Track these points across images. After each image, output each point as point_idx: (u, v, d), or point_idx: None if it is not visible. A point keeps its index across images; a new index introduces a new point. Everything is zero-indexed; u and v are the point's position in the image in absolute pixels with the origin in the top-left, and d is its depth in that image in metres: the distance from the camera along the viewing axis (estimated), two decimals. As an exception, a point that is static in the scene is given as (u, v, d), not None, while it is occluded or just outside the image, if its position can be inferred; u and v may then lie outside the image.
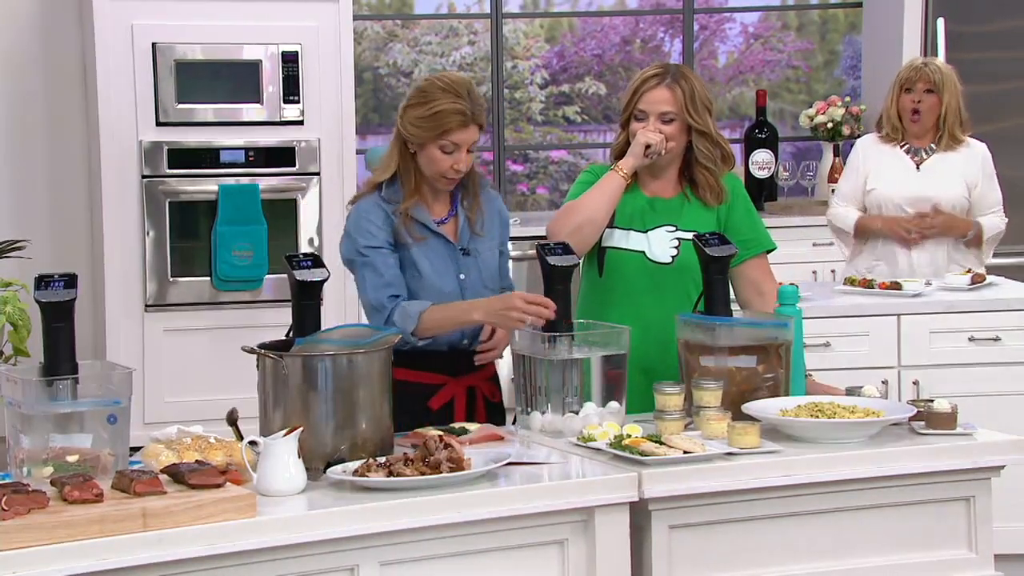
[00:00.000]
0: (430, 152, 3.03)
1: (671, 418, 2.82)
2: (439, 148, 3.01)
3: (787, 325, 2.97)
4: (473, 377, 3.15)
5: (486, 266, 3.15)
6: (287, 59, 5.44)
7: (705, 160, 3.25)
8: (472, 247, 3.13)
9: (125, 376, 2.54)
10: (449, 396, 3.10)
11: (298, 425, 2.50)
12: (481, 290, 3.12)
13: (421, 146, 3.03)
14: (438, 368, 3.08)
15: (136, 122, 5.33)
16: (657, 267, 3.23)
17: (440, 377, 3.09)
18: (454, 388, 3.11)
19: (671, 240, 3.24)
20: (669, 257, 3.23)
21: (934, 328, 4.20)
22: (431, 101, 3.01)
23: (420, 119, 3.01)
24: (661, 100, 3.20)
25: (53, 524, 2.19)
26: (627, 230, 3.24)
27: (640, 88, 3.23)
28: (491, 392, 3.19)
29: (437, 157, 3.03)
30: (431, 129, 3.00)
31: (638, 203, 3.27)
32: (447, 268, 3.09)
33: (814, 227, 5.95)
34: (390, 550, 2.42)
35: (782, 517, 2.69)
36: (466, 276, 3.11)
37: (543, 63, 6.84)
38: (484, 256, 3.15)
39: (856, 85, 6.68)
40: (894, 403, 3.06)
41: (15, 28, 5.73)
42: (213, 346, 5.35)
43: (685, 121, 3.22)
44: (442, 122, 2.99)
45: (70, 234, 5.77)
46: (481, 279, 3.13)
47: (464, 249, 3.12)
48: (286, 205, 5.44)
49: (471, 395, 3.14)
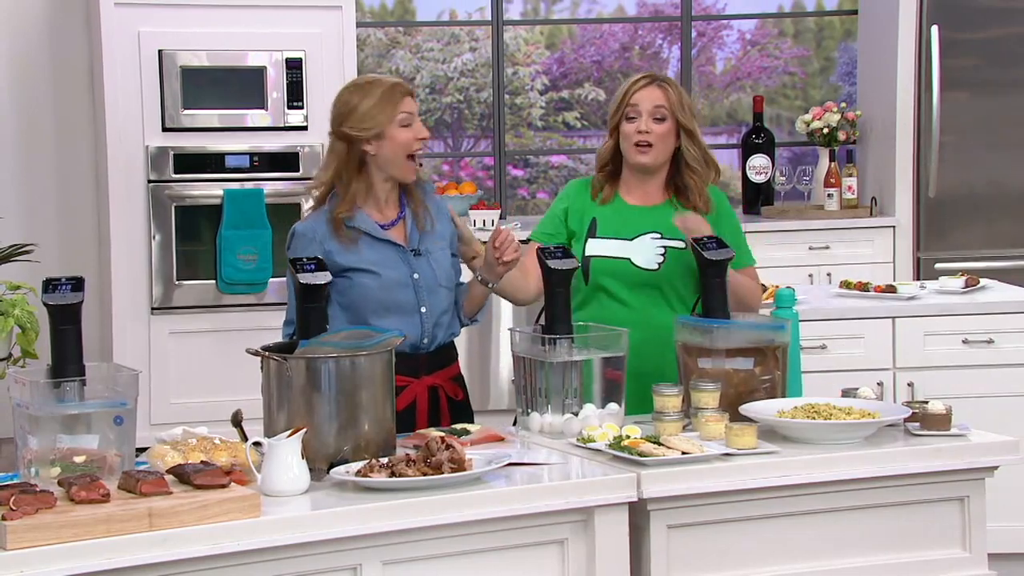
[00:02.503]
0: (392, 136, 3.02)
1: (669, 419, 2.84)
2: (399, 125, 3.02)
3: (784, 327, 3.00)
4: (435, 377, 3.14)
5: (439, 265, 3.13)
6: (291, 65, 5.48)
7: (694, 163, 3.26)
8: (423, 247, 3.12)
9: (131, 378, 2.56)
10: (412, 397, 3.09)
11: (302, 426, 2.52)
12: (436, 288, 3.12)
13: (379, 136, 3.02)
14: (399, 370, 3.06)
15: (142, 128, 5.36)
16: (643, 274, 3.24)
17: (402, 379, 3.03)
18: (416, 389, 3.10)
19: (657, 247, 3.25)
20: (655, 264, 3.24)
21: (929, 330, 4.22)
22: (368, 91, 3.03)
23: (371, 108, 3.00)
24: (654, 97, 3.24)
25: (60, 524, 2.20)
26: (611, 239, 3.24)
27: (631, 89, 3.26)
28: (454, 391, 3.18)
29: (401, 137, 3.03)
30: (385, 109, 3.01)
31: (622, 212, 3.29)
32: (399, 270, 3.08)
33: (810, 231, 5.99)
34: (392, 550, 2.44)
35: (779, 517, 2.71)
36: (420, 275, 3.10)
37: (543, 69, 6.87)
38: (436, 255, 3.13)
39: (852, 91, 6.70)
40: (889, 404, 3.07)
41: (24, 35, 5.77)
42: (218, 348, 5.38)
43: (676, 121, 3.24)
44: (392, 96, 3.01)
45: (78, 238, 5.80)
46: (435, 277, 3.12)
47: (415, 250, 3.11)
48: (290, 209, 5.47)
49: (434, 395, 3.13)
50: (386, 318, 3.05)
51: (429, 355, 3.14)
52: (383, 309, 3.06)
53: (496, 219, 5.95)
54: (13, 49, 5.77)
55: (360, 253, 3.07)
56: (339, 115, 3.06)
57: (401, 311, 3.08)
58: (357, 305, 3.06)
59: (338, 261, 3.04)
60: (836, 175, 6.15)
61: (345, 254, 3.05)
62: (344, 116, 3.05)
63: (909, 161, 6.00)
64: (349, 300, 3.07)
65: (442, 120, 6.76)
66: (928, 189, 5.95)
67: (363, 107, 3.01)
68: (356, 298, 3.06)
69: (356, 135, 3.03)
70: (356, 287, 3.06)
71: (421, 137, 3.06)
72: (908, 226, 5.99)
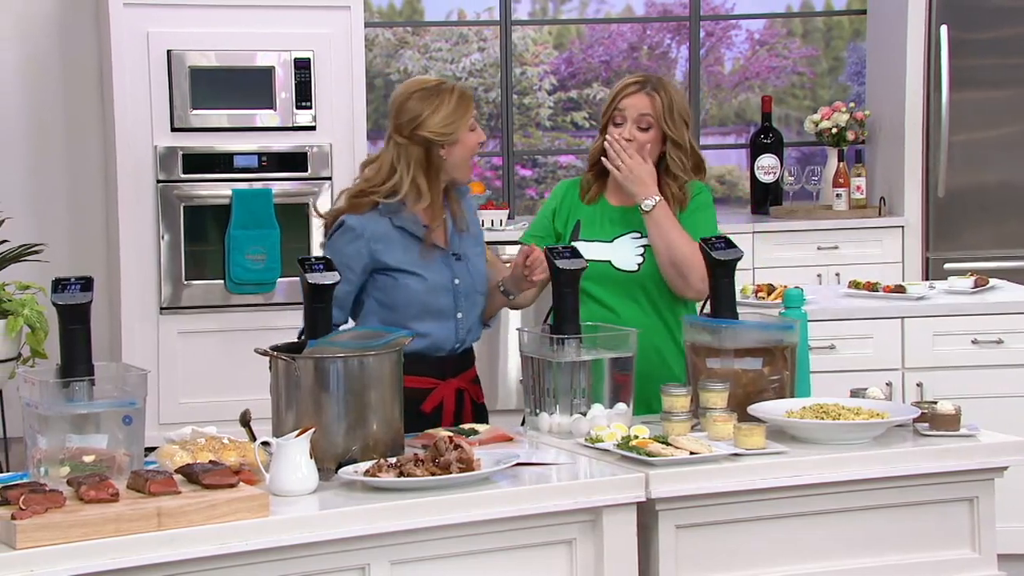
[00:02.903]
0: (464, 140, 3.10)
1: (678, 419, 2.84)
2: (469, 130, 3.11)
3: (792, 327, 2.99)
4: (460, 379, 3.18)
5: (476, 271, 3.18)
6: (300, 66, 5.48)
7: (676, 170, 3.27)
8: (462, 251, 3.17)
9: (140, 378, 2.56)
10: (439, 399, 3.13)
11: (310, 426, 2.52)
12: (473, 294, 3.16)
13: (455, 142, 3.09)
14: (428, 372, 3.11)
15: (151, 128, 5.38)
16: (623, 275, 3.25)
17: (430, 381, 3.12)
18: (444, 390, 3.14)
19: (636, 248, 3.26)
20: (635, 265, 3.25)
21: (938, 331, 4.22)
22: (443, 96, 3.09)
23: (450, 114, 3.08)
24: (640, 105, 3.24)
25: (70, 523, 2.21)
26: (593, 242, 3.25)
27: (620, 93, 3.26)
28: (476, 394, 3.23)
29: (469, 140, 3.11)
30: (463, 115, 3.09)
31: (604, 213, 3.30)
32: (443, 275, 3.13)
33: (819, 231, 5.98)
34: (401, 549, 2.44)
35: (787, 517, 2.71)
36: (460, 281, 3.15)
37: (551, 69, 6.87)
38: (473, 261, 3.18)
39: (860, 91, 6.70)
40: (898, 405, 3.07)
41: (34, 36, 5.79)
42: (226, 348, 5.39)
43: (662, 130, 3.24)
44: (468, 104, 3.11)
45: (87, 238, 5.82)
46: (473, 284, 3.17)
47: (456, 254, 3.16)
48: (298, 209, 5.48)
49: (459, 397, 3.17)
50: (424, 322, 3.10)
51: (455, 358, 3.17)
52: (423, 312, 3.10)
53: (504, 219, 5.96)
54: (23, 50, 5.79)
55: (408, 254, 3.10)
56: (412, 120, 3.09)
57: (440, 316, 3.11)
58: (398, 306, 3.10)
59: (385, 260, 3.08)
60: (845, 175, 6.15)
61: (392, 254, 3.09)
62: (421, 121, 3.08)
63: (918, 161, 6.00)
64: (391, 300, 3.10)
65: (450, 120, 6.76)
66: (937, 189, 5.95)
67: (440, 115, 3.07)
68: (398, 299, 3.10)
69: (436, 139, 3.08)
70: (400, 288, 3.10)
71: (482, 141, 3.16)
72: (917, 226, 5.99)
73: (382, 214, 3.10)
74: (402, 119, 3.09)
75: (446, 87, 3.11)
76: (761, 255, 5.87)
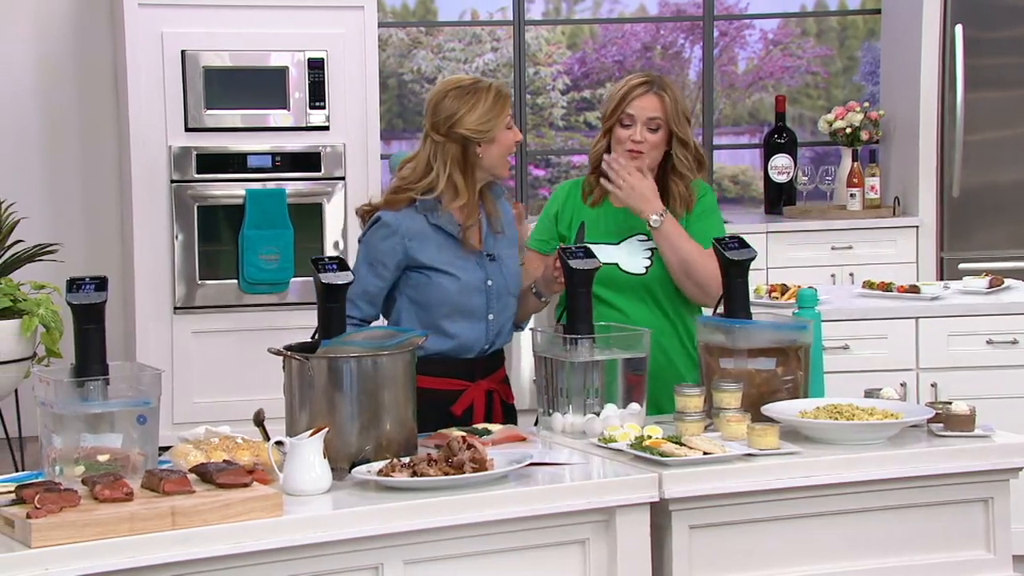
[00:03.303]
0: (501, 137, 3.10)
1: (691, 419, 2.83)
2: (506, 128, 3.11)
3: (806, 327, 2.99)
4: (489, 381, 3.18)
5: (510, 272, 3.18)
6: (313, 66, 5.49)
7: (683, 169, 3.27)
8: (496, 252, 3.17)
9: (154, 377, 2.57)
10: (470, 401, 3.13)
11: (324, 426, 2.52)
12: (506, 296, 3.16)
13: (491, 140, 3.09)
14: (458, 374, 3.11)
15: (166, 128, 5.39)
16: (631, 278, 3.25)
17: (461, 383, 3.12)
18: (474, 392, 3.14)
19: (644, 250, 3.27)
20: (643, 268, 3.26)
21: (952, 331, 4.21)
22: (480, 95, 3.09)
23: (486, 112, 3.08)
24: (650, 107, 3.23)
25: (84, 522, 2.22)
26: (599, 244, 3.21)
27: (629, 95, 3.24)
28: (506, 394, 3.23)
29: (506, 138, 3.11)
30: (499, 114, 3.09)
31: (609, 215, 3.29)
32: (476, 276, 3.13)
33: (832, 231, 5.97)
34: (414, 549, 2.44)
35: (801, 518, 2.71)
36: (493, 283, 3.15)
37: (565, 69, 6.87)
38: (507, 263, 3.18)
39: (875, 91, 6.68)
40: (912, 405, 3.06)
41: (49, 37, 5.81)
42: (240, 348, 5.40)
43: (669, 130, 3.24)
44: (505, 102, 3.11)
45: (101, 238, 5.84)
46: (507, 286, 3.17)
47: (490, 255, 3.16)
48: (312, 209, 5.49)
49: (489, 398, 3.17)
50: (455, 321, 3.10)
51: (485, 359, 3.17)
52: (455, 312, 3.10)
53: (518, 219, 5.95)
54: (39, 50, 5.81)
55: (442, 253, 3.10)
56: (449, 117, 3.09)
57: (471, 316, 3.11)
58: (431, 304, 3.10)
59: (419, 258, 3.08)
60: (859, 175, 6.13)
61: (427, 252, 3.09)
62: (458, 119, 3.08)
63: (933, 160, 5.98)
64: (424, 298, 3.10)
65: (464, 120, 6.77)
66: (952, 189, 5.93)
67: (478, 113, 3.08)
68: (431, 297, 3.10)
69: (473, 136, 3.08)
70: (433, 286, 3.10)
71: (518, 140, 3.17)
72: (931, 226, 5.97)
73: (418, 211, 3.11)
74: (439, 117, 3.10)
75: (483, 85, 3.11)
76: (775, 255, 5.86)
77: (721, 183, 6.93)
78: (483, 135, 3.08)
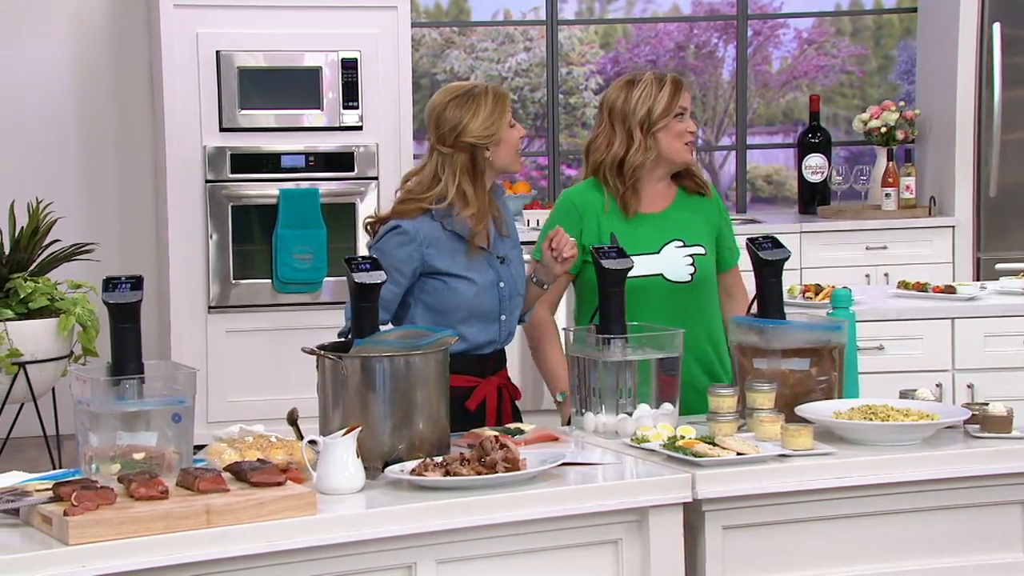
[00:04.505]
0: (507, 137, 3.11)
1: (724, 420, 2.82)
2: (509, 127, 3.13)
3: (840, 328, 2.97)
4: (498, 377, 3.19)
5: (518, 273, 3.20)
6: (347, 66, 5.51)
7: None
8: (504, 253, 3.18)
9: (189, 376, 2.58)
10: (482, 397, 3.14)
11: (357, 425, 2.53)
12: (516, 296, 3.18)
13: (498, 142, 3.10)
14: (469, 371, 3.12)
15: (200, 128, 5.42)
16: (676, 287, 3.24)
17: (472, 379, 3.13)
18: (486, 388, 3.15)
19: (684, 257, 3.26)
20: (688, 275, 3.25)
21: (989, 331, 4.17)
22: (480, 99, 3.10)
23: (488, 116, 3.09)
24: (687, 98, 3.28)
25: (120, 520, 2.23)
26: (638, 255, 3.13)
27: (677, 90, 3.26)
28: (513, 391, 3.24)
29: (510, 137, 3.13)
30: (501, 115, 3.10)
31: (640, 225, 3.25)
32: (490, 278, 3.14)
33: (867, 231, 5.94)
34: (447, 548, 2.44)
35: (835, 519, 2.69)
36: (505, 284, 3.16)
37: (597, 69, 6.86)
38: (515, 263, 3.19)
39: (910, 90, 6.64)
40: (948, 406, 3.04)
41: (86, 38, 5.86)
42: (274, 347, 5.43)
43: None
44: (504, 102, 3.12)
45: (137, 237, 5.89)
46: (516, 286, 3.18)
47: (500, 257, 3.16)
48: (345, 209, 5.51)
49: (499, 394, 3.18)
50: (471, 325, 3.11)
51: (494, 355, 3.19)
52: (470, 316, 3.11)
53: (550, 219, 5.95)
54: (75, 51, 5.86)
55: (458, 259, 3.11)
56: (454, 128, 3.10)
57: (486, 318, 3.13)
58: (448, 309, 3.11)
59: (436, 265, 3.09)
60: (894, 174, 6.10)
61: (444, 258, 3.10)
62: (463, 127, 3.10)
63: (969, 160, 5.94)
64: (440, 303, 3.11)
65: (497, 120, 6.77)
66: (989, 188, 5.88)
67: (481, 117, 3.09)
68: (448, 302, 3.11)
69: (480, 142, 3.10)
70: (450, 291, 3.11)
71: (523, 135, 3.19)
72: (968, 225, 5.92)
73: (434, 218, 3.12)
74: (443, 129, 3.11)
75: (479, 90, 3.13)
76: (809, 255, 5.83)
77: (754, 183, 6.90)
78: (490, 139, 3.09)
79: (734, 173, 6.72)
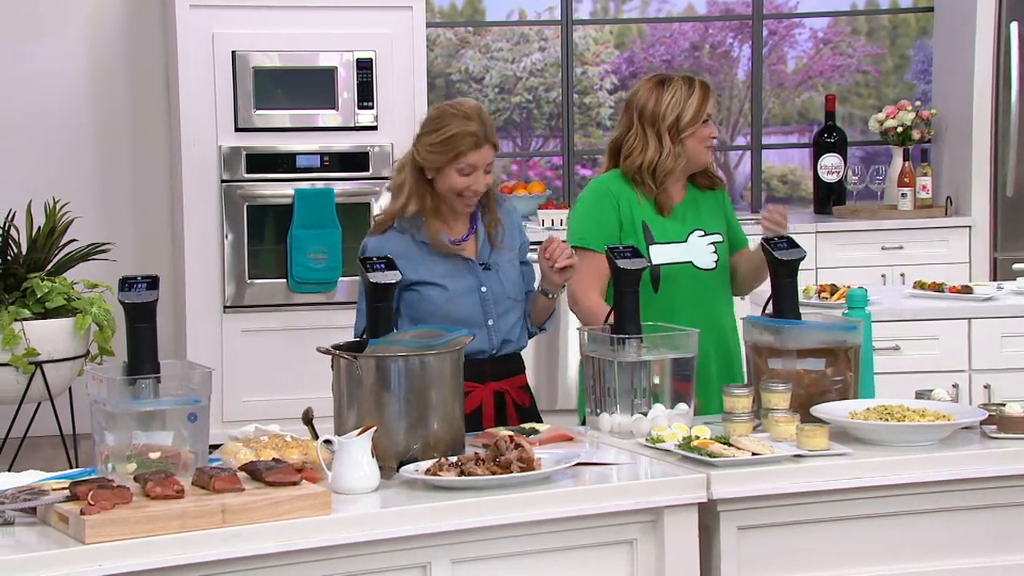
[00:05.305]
0: (448, 176, 3.08)
1: (739, 420, 2.82)
2: (456, 171, 3.07)
3: (856, 328, 2.97)
4: (501, 384, 3.18)
5: (507, 278, 3.18)
6: (362, 66, 5.52)
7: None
8: (493, 261, 3.17)
9: (205, 375, 2.59)
10: (478, 402, 3.12)
11: (372, 424, 2.53)
12: (505, 300, 3.16)
13: (439, 171, 3.08)
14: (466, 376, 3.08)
15: (216, 128, 5.44)
16: (704, 274, 3.29)
17: (468, 384, 3.04)
18: (482, 393, 3.13)
19: (708, 245, 3.30)
20: (713, 263, 3.30)
21: (1006, 332, 4.16)
22: (444, 127, 3.07)
23: (434, 145, 3.07)
24: (712, 103, 3.29)
25: (136, 519, 2.24)
26: (669, 244, 3.27)
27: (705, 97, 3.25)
28: (521, 399, 3.21)
29: (455, 180, 3.08)
30: (446, 152, 3.06)
31: (666, 216, 3.29)
32: (467, 283, 3.13)
33: (883, 231, 5.92)
34: (461, 548, 2.45)
35: (851, 520, 2.69)
36: (488, 288, 3.15)
37: (612, 69, 6.85)
38: (504, 268, 3.18)
39: (927, 89, 6.62)
40: (965, 407, 3.03)
41: (101, 38, 5.88)
42: (288, 347, 5.44)
43: None
44: (455, 145, 3.05)
45: (152, 237, 5.91)
46: (504, 291, 3.16)
47: (484, 264, 3.15)
48: (360, 209, 5.51)
49: (500, 400, 3.16)
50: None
51: (494, 361, 3.16)
52: (447, 321, 3.08)
53: (564, 219, 5.95)
54: (91, 51, 5.88)
55: (428, 267, 3.11)
56: (416, 136, 3.13)
57: (468, 324, 3.10)
58: (424, 317, 3.10)
59: (407, 275, 3.06)
60: (910, 174, 6.08)
61: (414, 268, 3.09)
62: (416, 140, 3.12)
63: (986, 159, 5.91)
64: (419, 313, 3.12)
65: (511, 120, 6.77)
66: (1006, 188, 5.86)
67: (428, 140, 3.08)
68: (423, 310, 3.11)
69: (420, 162, 3.10)
70: (424, 300, 3.11)
71: (474, 189, 3.09)
72: (984, 225, 5.90)
73: (401, 232, 3.12)
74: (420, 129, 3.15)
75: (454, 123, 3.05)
76: (824, 255, 5.82)
77: (770, 183, 6.89)
78: (427, 162, 3.07)
79: (749, 173, 6.71)
